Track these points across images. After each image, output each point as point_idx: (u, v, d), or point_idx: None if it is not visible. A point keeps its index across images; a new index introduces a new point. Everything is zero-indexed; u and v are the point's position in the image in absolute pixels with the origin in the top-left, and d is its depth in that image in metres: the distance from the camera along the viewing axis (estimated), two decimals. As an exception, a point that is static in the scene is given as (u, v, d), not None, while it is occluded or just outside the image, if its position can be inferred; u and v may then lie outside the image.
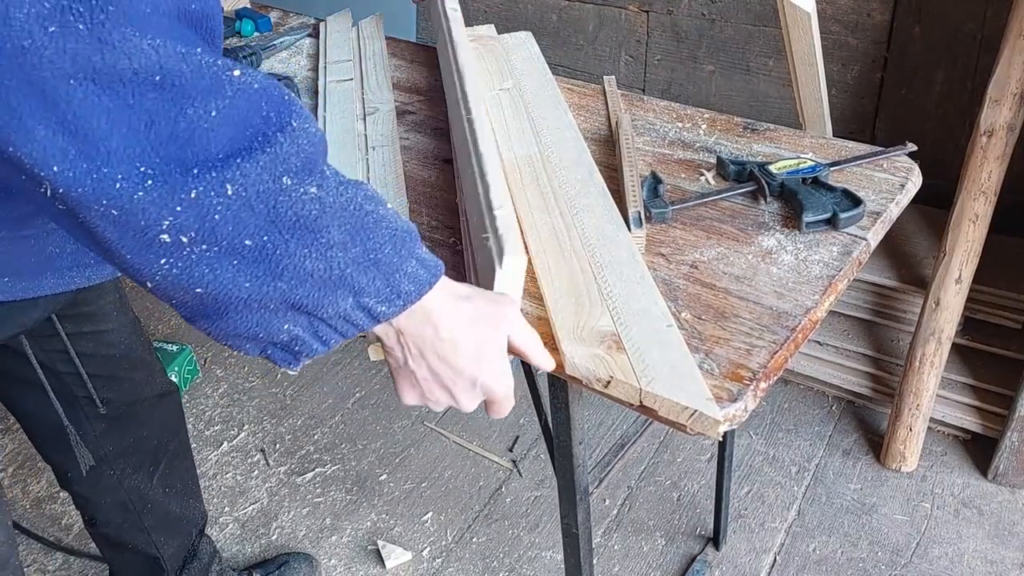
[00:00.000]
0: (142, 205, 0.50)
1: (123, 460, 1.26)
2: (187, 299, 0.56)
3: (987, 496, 1.71)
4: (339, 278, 0.57)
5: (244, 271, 0.55)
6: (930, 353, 1.62)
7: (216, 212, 0.52)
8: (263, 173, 0.52)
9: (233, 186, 0.52)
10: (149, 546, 1.35)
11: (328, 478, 1.86)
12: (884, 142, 1.43)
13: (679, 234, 0.91)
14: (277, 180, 0.53)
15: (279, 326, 0.58)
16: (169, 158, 0.50)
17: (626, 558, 1.64)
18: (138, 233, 0.52)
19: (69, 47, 0.47)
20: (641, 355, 0.73)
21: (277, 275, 0.55)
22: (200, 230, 0.52)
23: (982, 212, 1.49)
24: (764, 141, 1.08)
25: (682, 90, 2.21)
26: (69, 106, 0.48)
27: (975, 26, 1.73)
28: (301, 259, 0.55)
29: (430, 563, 1.66)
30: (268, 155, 0.52)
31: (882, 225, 0.91)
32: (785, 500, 1.73)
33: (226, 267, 0.54)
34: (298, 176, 0.54)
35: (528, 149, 1.03)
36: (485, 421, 1.97)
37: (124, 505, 1.30)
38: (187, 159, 0.51)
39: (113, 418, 1.22)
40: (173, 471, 1.34)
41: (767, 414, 1.93)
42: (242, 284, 0.55)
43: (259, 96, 0.53)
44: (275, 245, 0.54)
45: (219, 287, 0.55)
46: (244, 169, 0.52)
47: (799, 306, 0.80)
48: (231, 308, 0.56)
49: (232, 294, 0.55)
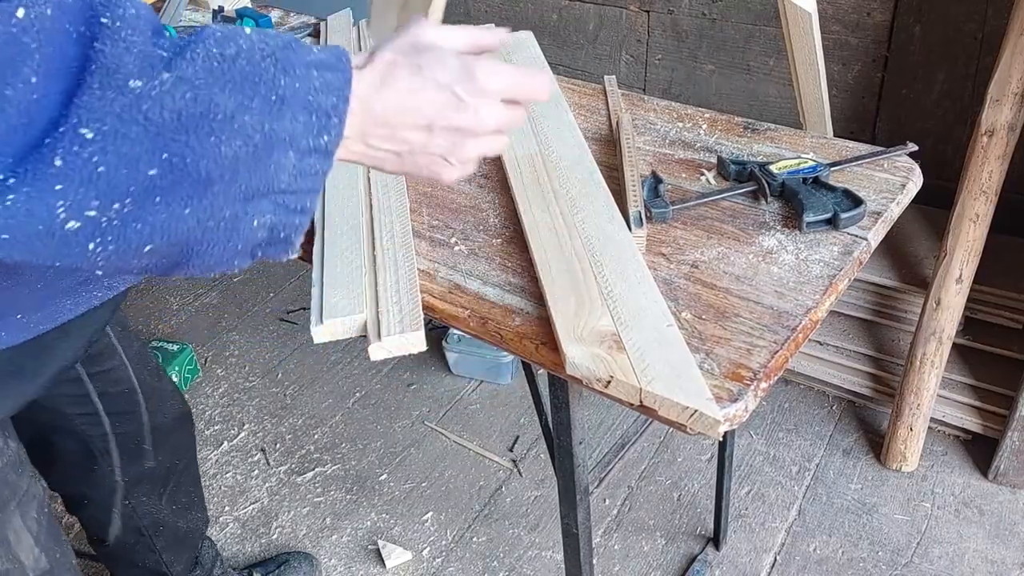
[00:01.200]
0: (24, 208, 0.45)
1: (137, 488, 1.25)
2: (146, 262, 0.51)
3: (988, 496, 1.70)
4: (263, 141, 0.50)
5: (173, 201, 0.48)
6: (931, 353, 1.62)
7: (96, 166, 0.45)
8: (105, 93, 0.45)
9: (88, 128, 0.45)
10: (159, 564, 1.34)
11: (328, 478, 1.86)
12: (885, 142, 1.43)
13: (680, 234, 0.91)
14: (124, 91, 0.46)
15: (248, 226, 0.52)
16: (16, 148, 0.44)
17: (626, 558, 1.64)
18: (43, 237, 0.46)
19: None
20: (641, 355, 0.73)
21: (205, 182, 0.49)
22: (98, 193, 0.46)
23: (983, 212, 1.49)
24: (765, 141, 1.08)
25: (682, 90, 2.21)
26: None
27: (976, 26, 1.73)
28: (215, 150, 0.48)
29: (430, 563, 1.66)
30: (95, 72, 0.45)
31: (883, 225, 0.91)
32: (785, 500, 1.73)
33: (153, 210, 0.48)
34: (143, 73, 0.47)
35: (528, 149, 1.03)
36: (485, 420, 1.97)
37: (138, 530, 1.29)
38: (32, 138, 0.44)
39: (128, 450, 1.21)
40: (180, 487, 1.33)
41: (767, 414, 1.93)
42: (182, 214, 0.49)
43: (57, 20, 0.45)
44: (178, 155, 0.47)
45: (163, 233, 0.49)
46: (85, 103, 0.45)
47: (800, 306, 0.80)
48: (193, 244, 0.51)
49: (181, 229, 0.49)
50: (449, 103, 0.58)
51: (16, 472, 0.87)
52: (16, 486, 0.87)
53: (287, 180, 0.52)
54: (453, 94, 0.58)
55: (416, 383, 2.09)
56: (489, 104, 0.59)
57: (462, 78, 0.58)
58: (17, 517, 0.87)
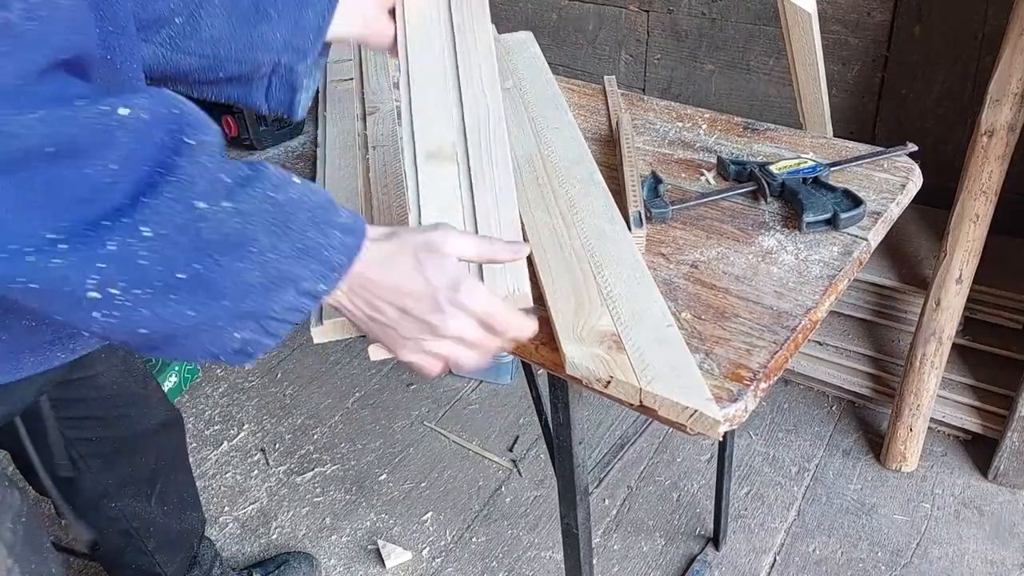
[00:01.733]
0: (62, 272, 0.49)
1: (122, 491, 1.25)
2: (132, 340, 0.55)
3: (987, 496, 1.70)
4: (277, 277, 0.57)
5: (185, 302, 0.54)
6: (930, 353, 1.62)
7: (140, 258, 0.51)
8: (174, 204, 0.51)
9: (149, 227, 0.50)
10: (153, 566, 1.34)
11: (328, 478, 1.86)
12: (884, 142, 1.42)
13: (679, 234, 0.91)
14: (190, 208, 0.52)
15: (230, 336, 0.58)
16: (76, 220, 0.49)
17: (626, 558, 1.64)
18: (63, 296, 0.50)
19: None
20: (641, 355, 0.73)
21: (218, 296, 0.55)
22: (129, 279, 0.51)
23: (983, 212, 1.49)
24: (764, 141, 1.08)
25: (682, 90, 2.21)
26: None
27: (976, 26, 1.73)
28: (238, 274, 0.55)
29: (430, 563, 1.66)
30: (172, 184, 0.51)
31: (882, 225, 0.91)
32: (785, 500, 1.73)
33: (165, 304, 0.53)
34: (209, 197, 0.53)
35: (528, 149, 1.03)
36: (485, 421, 1.97)
37: (127, 532, 1.28)
38: (96, 216, 0.49)
39: (109, 454, 1.20)
40: (169, 488, 1.32)
41: (767, 414, 1.92)
42: (186, 314, 0.54)
43: (150, 127, 0.52)
44: (208, 270, 0.54)
45: (163, 324, 0.54)
46: (154, 206, 0.50)
47: (799, 306, 0.80)
48: (179, 337, 0.56)
49: (179, 325, 0.55)
50: (428, 301, 0.64)
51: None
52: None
53: (279, 311, 0.58)
54: (434, 296, 0.64)
55: (416, 383, 2.09)
56: (460, 317, 0.65)
57: (448, 287, 0.64)
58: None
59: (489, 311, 0.67)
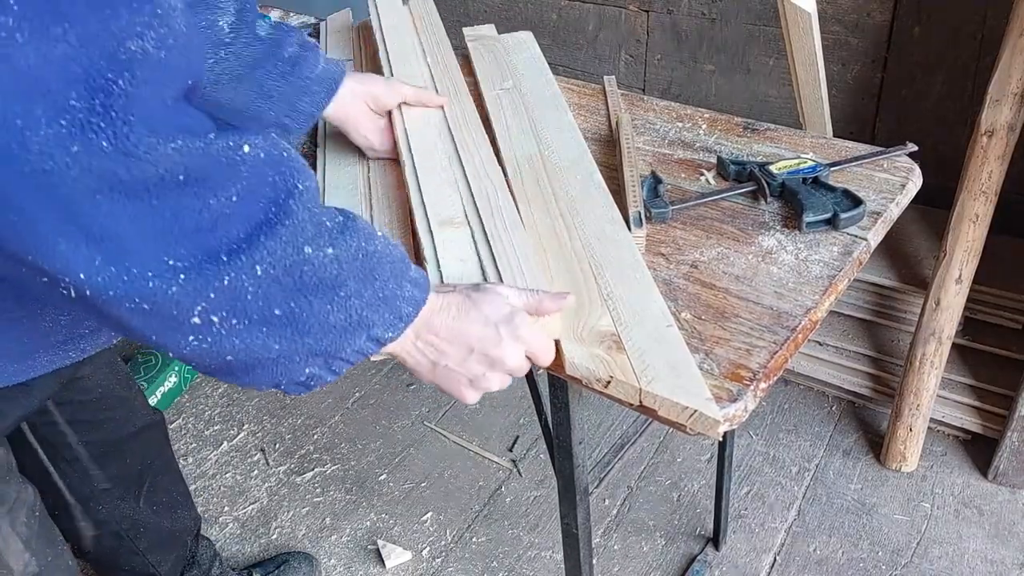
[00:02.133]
0: (176, 298, 0.51)
1: (110, 493, 1.25)
2: (215, 364, 0.58)
3: (987, 496, 1.70)
4: (357, 322, 0.61)
5: (273, 336, 0.57)
6: (930, 353, 1.62)
7: (247, 292, 0.54)
8: (287, 247, 0.55)
9: (262, 266, 0.54)
10: (145, 566, 1.34)
11: (328, 478, 1.86)
12: (884, 142, 1.42)
13: (679, 234, 0.91)
14: (299, 251, 0.56)
15: (300, 370, 0.61)
16: (197, 249, 0.51)
17: (626, 558, 1.64)
18: (168, 320, 0.53)
19: (94, 164, 0.46)
20: (641, 355, 0.73)
21: (304, 333, 0.58)
22: (231, 309, 0.54)
23: (982, 212, 1.49)
24: (764, 141, 1.08)
25: (682, 90, 2.21)
26: (94, 219, 0.47)
27: (975, 26, 1.73)
28: (325, 315, 0.59)
29: (430, 563, 1.66)
30: (287, 227, 0.55)
31: (882, 225, 0.91)
32: (785, 500, 1.73)
33: (256, 336, 0.56)
34: (315, 242, 0.57)
35: (528, 149, 1.03)
36: (485, 421, 1.97)
37: (117, 534, 1.28)
38: (215, 247, 0.52)
39: (96, 456, 1.20)
40: (157, 487, 1.32)
41: (767, 414, 1.93)
42: (272, 347, 0.58)
43: (266, 165, 0.55)
44: (301, 309, 0.57)
45: (249, 353, 0.57)
46: (270, 247, 0.54)
47: (799, 306, 0.80)
48: (258, 366, 0.59)
49: (262, 356, 0.58)
50: (490, 337, 0.69)
51: (4, 481, 0.88)
52: (4, 495, 0.88)
53: (348, 352, 0.62)
54: (496, 330, 0.70)
55: (416, 383, 2.09)
56: (517, 348, 0.71)
57: (505, 320, 0.70)
58: (6, 524, 0.87)
59: (539, 343, 0.72)
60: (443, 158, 1.00)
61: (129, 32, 0.47)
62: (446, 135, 1.04)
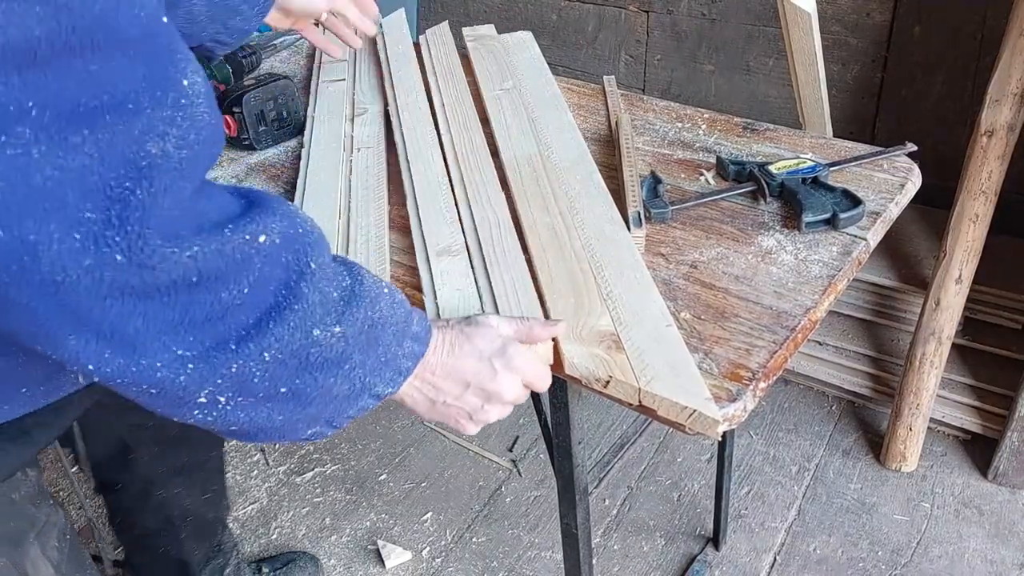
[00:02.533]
0: (184, 384, 0.52)
1: (172, 480, 1.26)
2: (219, 431, 0.59)
3: (987, 496, 1.70)
4: (360, 388, 0.61)
5: (277, 409, 0.58)
6: (930, 353, 1.62)
7: (254, 377, 0.54)
8: (295, 332, 0.55)
9: (270, 352, 0.53)
10: (180, 553, 1.35)
11: (328, 478, 1.86)
12: (884, 142, 1.42)
13: (679, 234, 0.91)
14: (308, 335, 0.55)
15: (303, 432, 0.62)
16: (206, 338, 0.51)
17: (626, 558, 1.64)
18: (175, 400, 0.53)
19: (107, 275, 0.45)
20: (641, 355, 0.73)
21: (307, 404, 0.59)
22: (237, 391, 0.54)
23: (982, 212, 1.49)
24: (764, 141, 1.08)
25: (682, 90, 2.21)
26: (104, 320, 0.47)
27: (975, 26, 1.73)
28: (329, 388, 0.59)
29: (430, 563, 1.66)
30: (296, 313, 0.54)
31: (882, 225, 0.91)
32: (785, 500, 1.73)
33: (260, 411, 0.57)
34: (323, 322, 0.56)
35: (528, 149, 1.03)
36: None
37: (168, 519, 1.30)
38: (223, 335, 0.52)
39: (164, 441, 1.22)
40: (209, 478, 1.34)
41: (767, 414, 1.93)
42: (275, 419, 0.58)
43: (281, 249, 0.54)
44: (306, 384, 0.57)
45: (253, 425, 0.58)
46: (278, 334, 0.54)
47: (799, 306, 0.80)
48: (261, 433, 0.60)
49: (265, 426, 0.59)
50: (484, 371, 0.70)
51: (35, 504, 0.87)
52: (35, 518, 0.87)
53: (351, 413, 0.63)
54: (490, 364, 0.70)
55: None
56: (512, 380, 0.71)
57: (498, 352, 0.70)
58: (36, 548, 0.87)
59: (534, 371, 0.72)
60: (445, 183, 0.99)
61: (150, 132, 0.45)
62: (452, 161, 1.04)
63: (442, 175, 1.01)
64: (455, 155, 1.05)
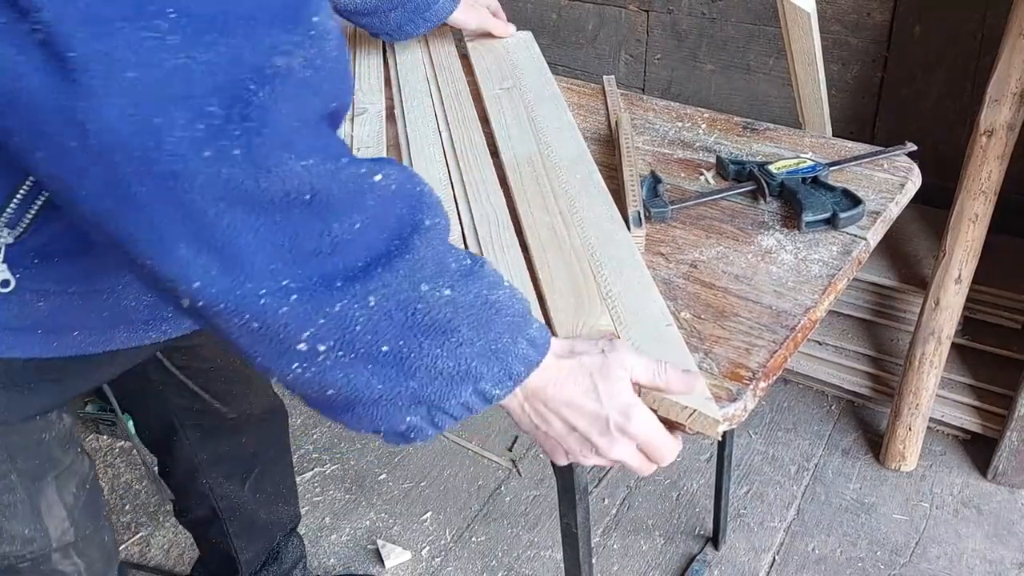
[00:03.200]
0: (285, 319, 0.51)
1: (215, 469, 1.26)
2: (315, 396, 0.57)
3: (986, 496, 1.71)
4: (465, 372, 0.58)
5: (377, 374, 0.55)
6: (930, 353, 1.62)
7: (357, 323, 0.52)
8: (403, 282, 0.53)
9: (376, 297, 0.52)
10: (228, 548, 1.36)
11: (327, 477, 1.86)
12: (884, 142, 1.43)
13: (679, 233, 0.91)
14: (416, 287, 0.54)
15: (401, 418, 0.58)
16: (313, 272, 0.51)
17: (625, 557, 1.64)
18: (275, 342, 0.52)
19: (223, 172, 0.46)
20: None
21: (409, 376, 0.56)
22: (339, 339, 0.53)
23: (982, 212, 1.49)
24: (764, 141, 1.08)
25: (682, 89, 2.21)
26: (216, 228, 0.48)
27: (975, 26, 1.73)
28: (433, 359, 0.56)
29: (429, 562, 1.66)
30: (407, 262, 0.53)
31: (882, 225, 0.91)
32: (784, 499, 1.73)
33: (360, 371, 0.55)
34: (434, 281, 0.55)
35: (528, 148, 1.03)
36: (484, 421, 1.97)
37: (213, 510, 1.30)
38: (331, 272, 0.51)
39: (209, 428, 1.22)
40: (265, 476, 1.33)
41: (766, 413, 1.93)
42: (375, 386, 0.56)
43: (396, 197, 0.54)
44: (410, 349, 0.55)
45: (351, 389, 0.56)
46: (386, 279, 0.53)
47: (799, 305, 0.80)
48: (358, 405, 0.57)
49: (363, 394, 0.56)
50: (597, 426, 0.65)
51: (62, 448, 0.89)
52: (58, 461, 0.89)
53: (452, 405, 0.59)
54: (606, 422, 0.65)
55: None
56: (626, 444, 0.66)
57: (620, 412, 0.65)
58: (52, 489, 0.88)
59: (654, 441, 0.67)
60: (444, 181, 0.99)
61: (279, 49, 0.47)
62: (452, 160, 1.04)
63: (443, 174, 1.01)
64: (455, 154, 1.05)
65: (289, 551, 1.45)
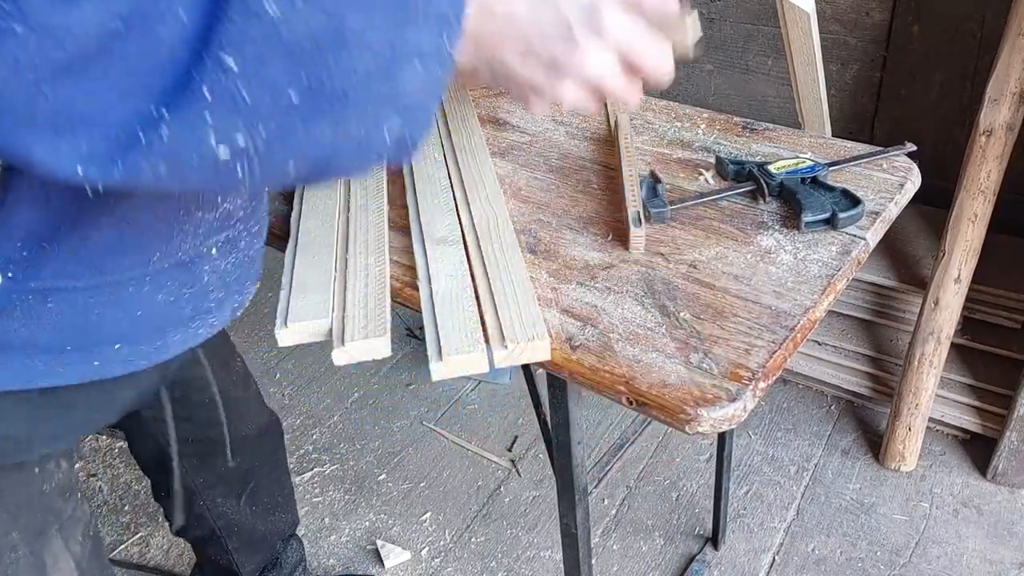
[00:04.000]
0: (177, 140, 0.46)
1: (213, 490, 1.25)
2: (290, 179, 0.53)
3: (986, 496, 1.70)
4: (392, 55, 0.49)
5: (313, 124, 0.49)
6: (929, 353, 1.62)
7: (239, 93, 0.46)
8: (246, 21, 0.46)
9: (230, 55, 0.46)
10: (230, 564, 1.35)
11: (327, 478, 1.86)
12: (883, 142, 1.43)
13: (678, 234, 0.91)
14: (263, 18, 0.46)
15: (379, 138, 0.52)
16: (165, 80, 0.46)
17: (625, 558, 1.64)
18: (198, 167, 0.48)
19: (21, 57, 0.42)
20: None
21: (343, 101, 0.49)
22: (243, 120, 0.47)
23: (981, 211, 1.49)
24: (763, 141, 1.08)
25: (681, 89, 2.21)
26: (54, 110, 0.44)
27: (974, 25, 1.73)
28: (349, 69, 0.48)
29: (429, 563, 1.66)
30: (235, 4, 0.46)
31: (881, 225, 0.91)
32: (784, 500, 1.73)
33: (294, 134, 0.49)
34: None
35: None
36: (484, 420, 1.97)
37: (212, 531, 1.29)
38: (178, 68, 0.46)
39: (205, 455, 1.20)
40: (261, 489, 1.32)
41: (766, 414, 1.93)
42: (320, 136, 0.50)
43: None
44: (318, 77, 0.48)
45: (304, 154, 0.51)
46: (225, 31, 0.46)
47: (798, 305, 0.80)
48: (330, 158, 0.52)
49: (320, 149, 0.51)
50: (558, 33, 0.53)
51: (63, 497, 0.86)
52: (60, 512, 0.86)
53: (414, 89, 0.51)
54: (568, 25, 0.53)
55: (414, 383, 2.09)
56: (599, 51, 0.54)
57: (583, 10, 0.53)
58: (58, 541, 0.86)
59: (639, 45, 0.55)
60: (445, 180, 1.00)
61: None
62: (452, 160, 1.04)
63: (443, 174, 1.01)
64: (455, 154, 1.05)
65: (289, 555, 1.45)
